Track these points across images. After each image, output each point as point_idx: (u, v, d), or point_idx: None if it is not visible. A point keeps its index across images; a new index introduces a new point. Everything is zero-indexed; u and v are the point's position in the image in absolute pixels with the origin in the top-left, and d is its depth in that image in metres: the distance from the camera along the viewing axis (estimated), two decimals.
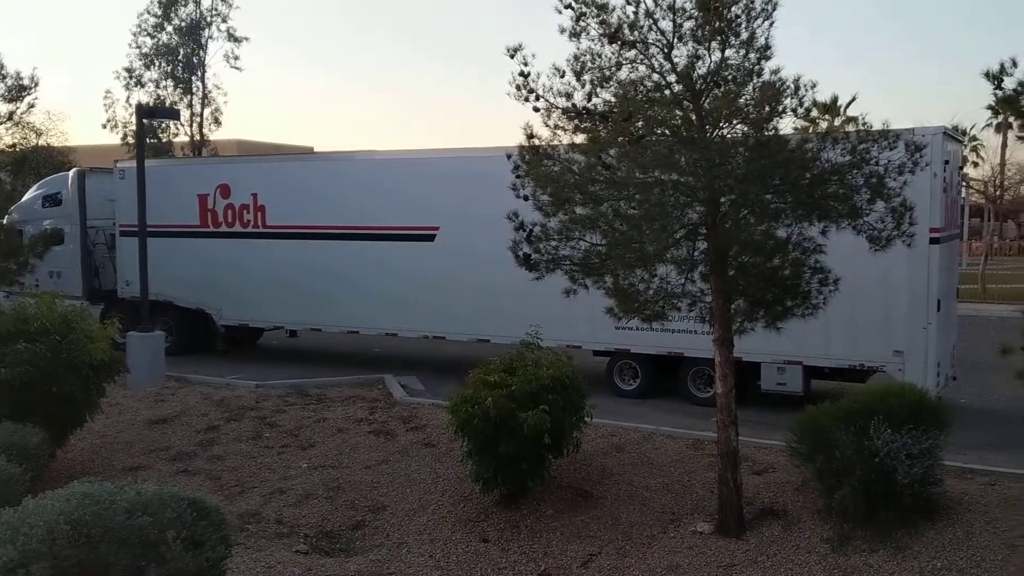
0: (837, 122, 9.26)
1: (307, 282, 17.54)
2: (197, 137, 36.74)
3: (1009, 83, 6.58)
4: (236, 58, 36.36)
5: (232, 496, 10.42)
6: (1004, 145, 43.10)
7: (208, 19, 36.11)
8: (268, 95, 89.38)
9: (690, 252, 8.90)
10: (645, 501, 9.84)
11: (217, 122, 37.20)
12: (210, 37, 36.31)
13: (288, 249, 17.78)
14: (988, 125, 48.30)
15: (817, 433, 9.12)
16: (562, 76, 8.58)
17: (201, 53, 36.23)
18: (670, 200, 8.40)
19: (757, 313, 9.13)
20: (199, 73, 36.32)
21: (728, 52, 8.30)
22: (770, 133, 8.45)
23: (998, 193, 45.25)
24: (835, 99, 40.90)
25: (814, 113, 8.93)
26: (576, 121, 8.68)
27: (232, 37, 36.22)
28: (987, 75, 6.62)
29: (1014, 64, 6.67)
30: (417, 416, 13.06)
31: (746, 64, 8.31)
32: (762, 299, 9.00)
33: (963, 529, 8.71)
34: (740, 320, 9.20)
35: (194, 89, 36.40)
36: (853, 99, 42.08)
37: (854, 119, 8.94)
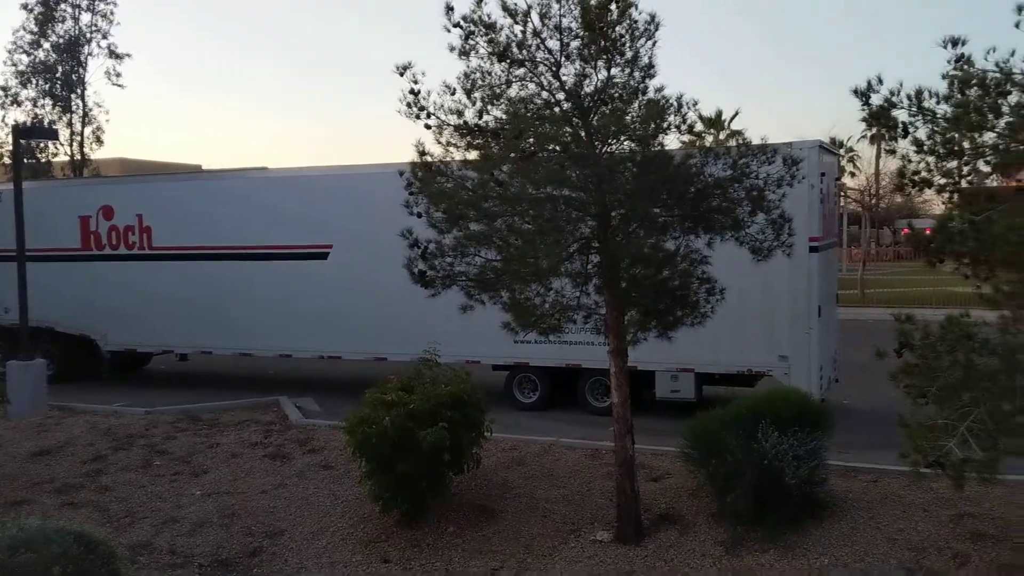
0: (722, 135, 9.63)
1: (197, 304, 17.12)
2: (78, 156, 35.31)
3: (876, 99, 6.99)
4: (118, 75, 35.05)
5: (122, 527, 10.05)
6: (878, 155, 45.44)
7: (88, 35, 34.74)
8: (153, 112, 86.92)
9: (584, 265, 9.06)
10: (546, 513, 9.94)
11: (99, 141, 35.75)
12: (90, 54, 34.87)
13: (176, 271, 17.31)
14: (863, 137, 50.88)
15: (709, 438, 9.40)
16: (452, 94, 8.65)
17: (81, 70, 34.81)
18: (562, 215, 8.54)
19: (649, 323, 9.34)
20: (79, 91, 34.89)
21: (614, 71, 8.51)
22: (656, 149, 8.69)
23: (874, 201, 47.62)
24: (719, 114, 42.47)
25: (699, 128, 9.26)
26: (468, 138, 8.76)
27: (113, 54, 34.88)
28: (855, 92, 6.98)
29: (880, 81, 7.09)
30: (314, 438, 12.86)
31: (631, 82, 8.53)
32: (654, 309, 9.21)
33: (848, 526, 9.10)
34: (633, 331, 9.39)
35: (74, 107, 34.95)
36: (736, 114, 43.86)
37: (737, 133, 9.27)
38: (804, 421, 9.36)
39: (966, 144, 7.13)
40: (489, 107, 8.66)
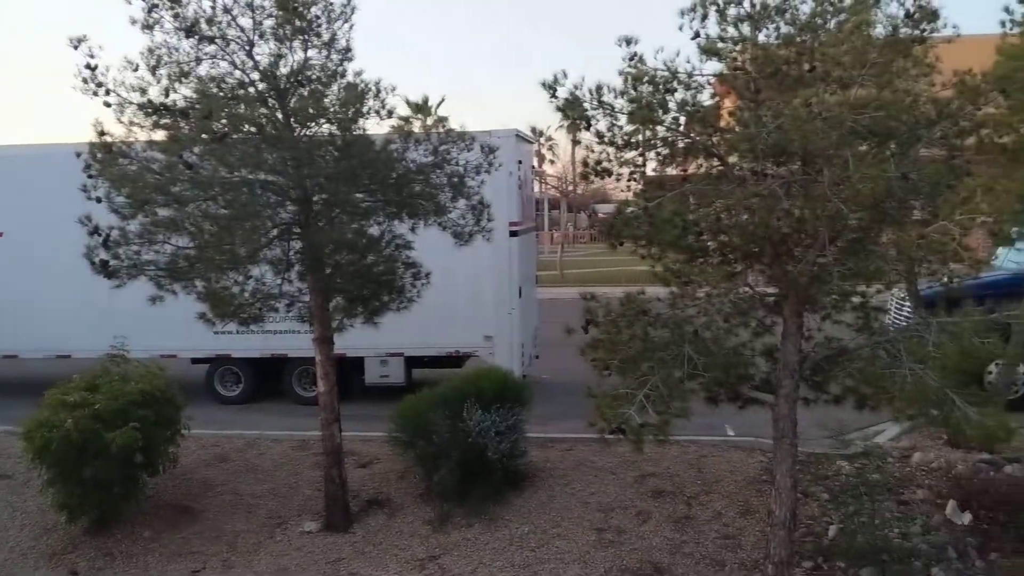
0: (430, 121, 9.70)
1: None
2: None
3: (562, 92, 7.42)
4: None
5: None
6: (574, 144, 48.29)
7: None
8: None
9: (285, 252, 8.83)
10: (251, 508, 9.64)
11: None
12: None
13: None
14: (561, 127, 53.86)
15: (416, 420, 9.57)
16: (136, 70, 8.04)
17: None
18: (260, 200, 8.26)
19: (356, 310, 9.30)
20: None
21: (311, 52, 8.34)
22: (358, 133, 8.62)
23: (571, 187, 50.64)
24: (426, 100, 43.14)
25: (404, 113, 9.27)
26: (154, 117, 8.18)
27: None
28: (544, 85, 7.38)
29: (565, 75, 7.56)
30: None
31: (329, 65, 8.41)
32: (359, 296, 9.18)
33: (546, 493, 9.65)
34: (339, 318, 9.31)
35: None
36: (442, 100, 44.77)
37: (442, 120, 9.42)
38: (506, 397, 9.79)
39: (647, 135, 7.67)
40: (177, 85, 8.16)
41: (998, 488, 8.82)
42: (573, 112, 7.88)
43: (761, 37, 7.09)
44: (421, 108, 41.62)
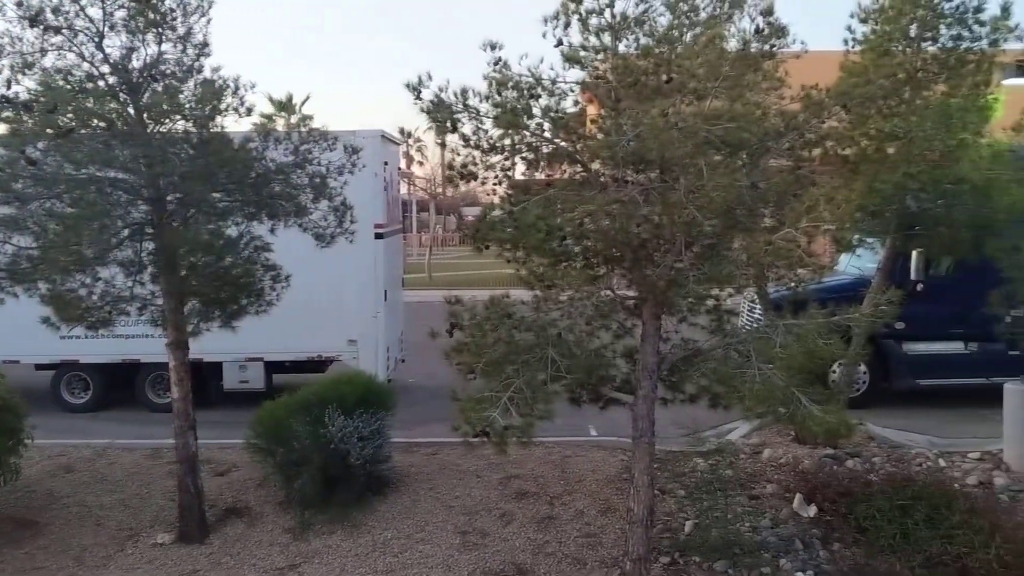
0: (294, 120, 9.52)
1: None
2: None
3: (427, 95, 7.45)
4: None
5: None
6: (443, 146, 48.27)
7: None
8: None
9: (137, 253, 8.46)
10: (99, 521, 9.19)
11: None
12: None
13: None
14: (429, 128, 53.72)
15: (276, 427, 9.34)
16: None
17: None
18: (110, 198, 7.89)
19: (212, 313, 9.00)
20: None
21: (165, 46, 8.04)
22: (215, 131, 8.35)
23: (440, 190, 50.64)
24: (290, 97, 42.24)
25: (267, 111, 9.09)
26: None
27: None
28: (408, 86, 7.38)
29: (430, 77, 7.59)
30: None
31: (185, 60, 8.13)
32: (216, 299, 8.88)
33: (410, 498, 9.59)
34: (195, 321, 8.99)
35: None
36: (307, 98, 43.92)
37: (308, 119, 9.23)
38: (370, 402, 9.68)
39: (514, 139, 7.72)
40: (20, 76, 7.72)
41: (840, 481, 9.32)
42: (440, 114, 7.84)
43: (621, 47, 7.26)
44: (285, 106, 40.70)
